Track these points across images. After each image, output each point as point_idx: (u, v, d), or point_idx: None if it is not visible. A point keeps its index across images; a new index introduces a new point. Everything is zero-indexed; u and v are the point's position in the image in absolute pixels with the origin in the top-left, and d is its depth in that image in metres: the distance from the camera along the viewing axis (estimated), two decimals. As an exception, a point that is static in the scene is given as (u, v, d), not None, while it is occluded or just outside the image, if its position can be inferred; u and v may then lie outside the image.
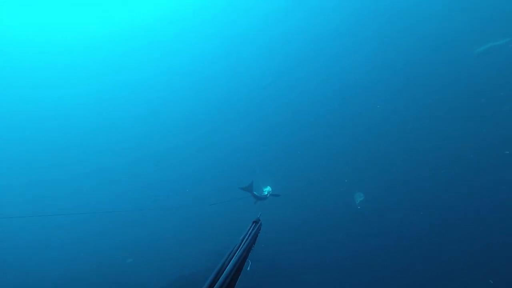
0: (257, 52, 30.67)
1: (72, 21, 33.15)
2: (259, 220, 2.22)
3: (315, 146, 20.95)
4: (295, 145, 22.31)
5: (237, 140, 26.67)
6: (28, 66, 34.24)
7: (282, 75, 27.83)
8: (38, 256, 20.10)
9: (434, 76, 18.83)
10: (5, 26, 31.56)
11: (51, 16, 32.36)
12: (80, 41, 34.33)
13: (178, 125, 30.70)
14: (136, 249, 18.03)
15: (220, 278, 1.03)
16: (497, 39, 16.28)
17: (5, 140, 31.80)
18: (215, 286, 0.97)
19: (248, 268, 1.34)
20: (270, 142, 24.19)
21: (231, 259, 1.25)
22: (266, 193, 9.47)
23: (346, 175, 17.17)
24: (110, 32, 34.56)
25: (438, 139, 16.00)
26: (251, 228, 1.87)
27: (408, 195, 14.53)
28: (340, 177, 17.25)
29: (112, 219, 20.33)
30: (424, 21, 20.94)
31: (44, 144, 31.52)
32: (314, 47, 26.58)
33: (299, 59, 27.32)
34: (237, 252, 1.35)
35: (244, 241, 1.55)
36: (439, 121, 16.79)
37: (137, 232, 19.71)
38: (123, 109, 33.39)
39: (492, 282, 9.52)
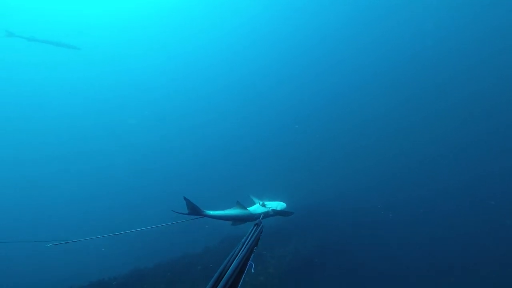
0: (255, 52, 31.16)
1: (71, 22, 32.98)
2: (261, 222, 2.21)
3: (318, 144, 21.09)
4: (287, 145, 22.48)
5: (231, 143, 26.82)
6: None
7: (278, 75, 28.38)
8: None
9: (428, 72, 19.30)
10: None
11: (50, 14, 32.15)
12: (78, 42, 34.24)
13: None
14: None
15: (222, 280, 1.03)
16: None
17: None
18: None
19: (253, 271, 1.30)
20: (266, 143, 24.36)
21: (233, 261, 1.24)
22: (260, 211, 5.65)
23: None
24: (108, 32, 34.50)
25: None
26: (253, 230, 1.90)
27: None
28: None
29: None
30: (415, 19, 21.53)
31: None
32: (308, 46, 27.20)
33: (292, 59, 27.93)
34: (239, 254, 1.35)
35: (246, 243, 1.57)
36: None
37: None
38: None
39: None
